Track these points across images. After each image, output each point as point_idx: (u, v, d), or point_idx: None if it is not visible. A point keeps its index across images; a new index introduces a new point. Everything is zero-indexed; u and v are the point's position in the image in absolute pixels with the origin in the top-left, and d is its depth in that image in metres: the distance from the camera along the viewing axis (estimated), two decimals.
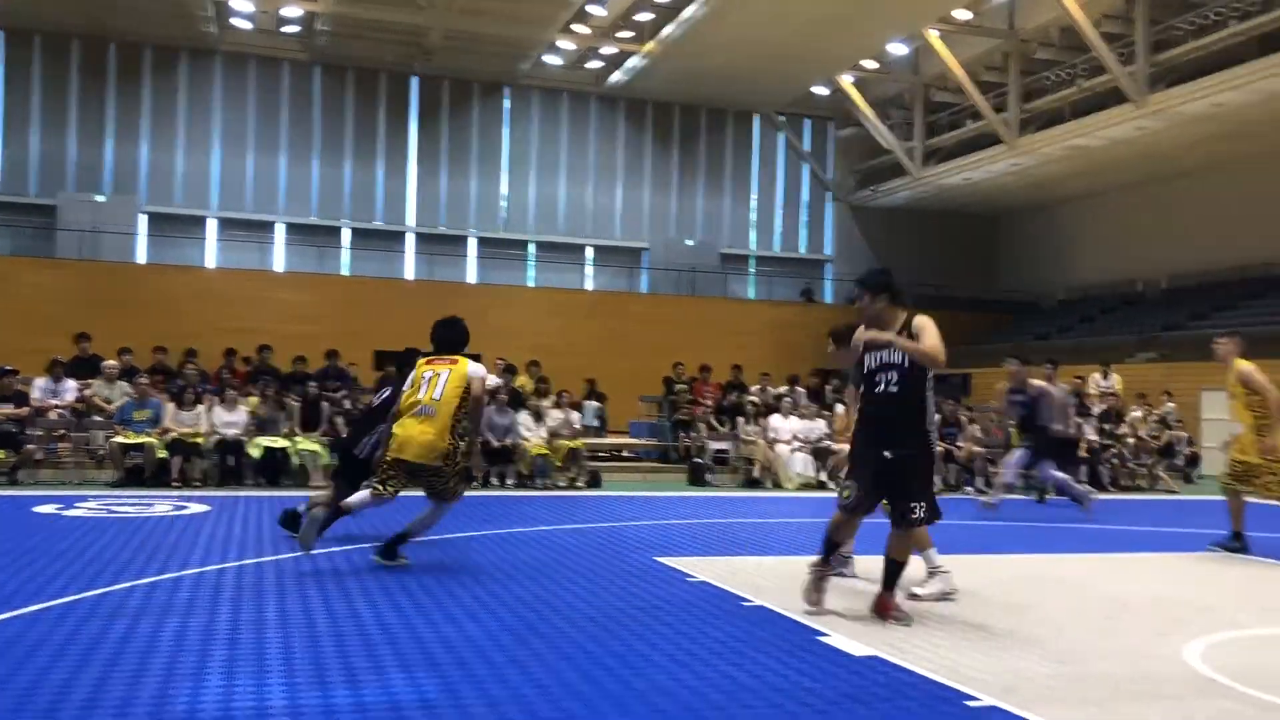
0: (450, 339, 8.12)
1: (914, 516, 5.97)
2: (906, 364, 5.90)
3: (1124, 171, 29.31)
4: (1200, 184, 28.81)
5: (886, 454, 5.91)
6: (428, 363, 7.92)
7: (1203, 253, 28.66)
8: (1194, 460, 20.11)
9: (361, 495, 7.71)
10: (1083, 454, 16.77)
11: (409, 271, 31.48)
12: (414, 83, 31.73)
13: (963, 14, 27.29)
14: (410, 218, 31.99)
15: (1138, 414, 18.97)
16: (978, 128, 30.17)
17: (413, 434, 7.53)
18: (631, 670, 4.84)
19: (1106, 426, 17.88)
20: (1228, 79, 22.64)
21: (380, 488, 7.58)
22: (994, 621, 6.15)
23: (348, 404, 15.02)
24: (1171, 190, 29.64)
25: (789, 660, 5.10)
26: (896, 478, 5.95)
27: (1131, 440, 18.03)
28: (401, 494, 7.70)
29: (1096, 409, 18.30)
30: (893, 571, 6.12)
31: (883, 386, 5.97)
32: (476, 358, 8.22)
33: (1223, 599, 7.09)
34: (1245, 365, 9.01)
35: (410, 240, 32.06)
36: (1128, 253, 31.28)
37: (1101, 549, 9.76)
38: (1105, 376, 20.34)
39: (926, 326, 5.90)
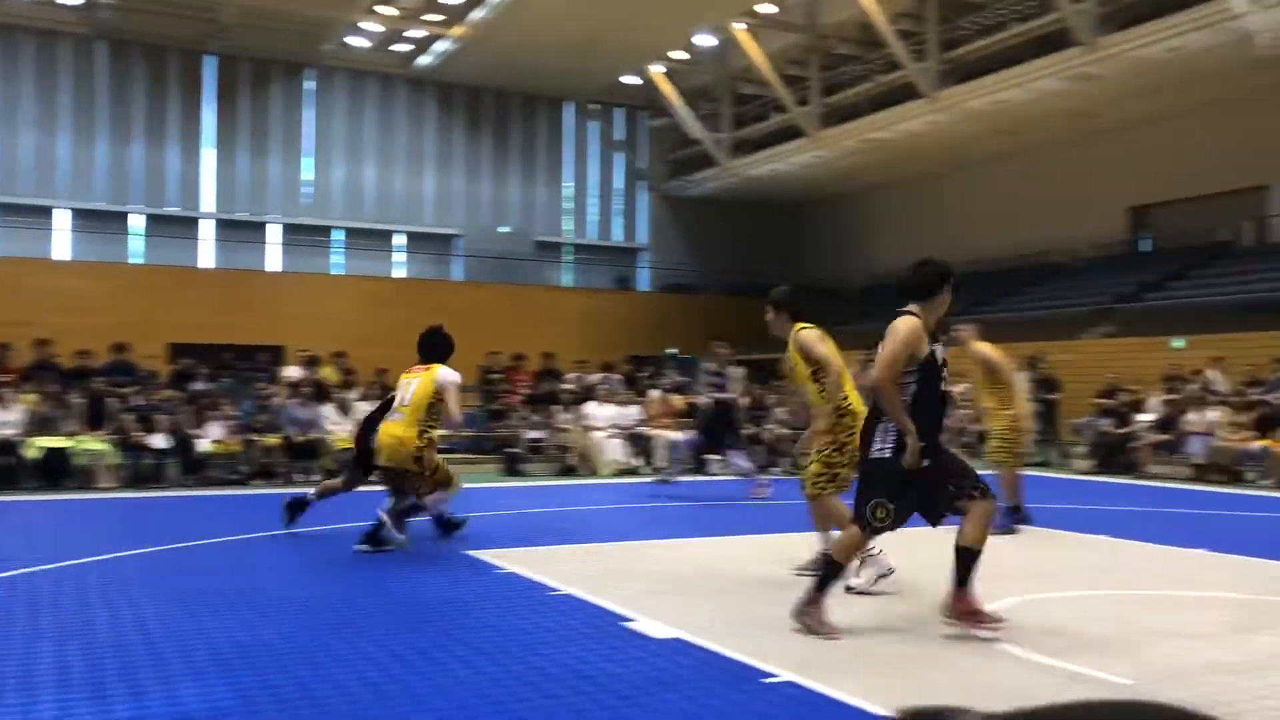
0: (431, 345, 8.68)
1: (974, 494, 5.51)
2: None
3: (918, 163, 30.76)
4: (987, 176, 30.54)
5: (927, 463, 5.42)
6: (408, 370, 8.49)
7: (990, 241, 30.40)
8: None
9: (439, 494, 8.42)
10: None
11: (206, 259, 30.03)
12: (209, 61, 30.20)
13: (767, 8, 28.00)
14: (207, 202, 30.49)
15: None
16: (782, 120, 31.05)
17: (384, 439, 8.11)
18: (433, 665, 4.75)
19: None
20: (1009, 77, 24.04)
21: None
22: (791, 598, 6.34)
23: (141, 400, 14.22)
24: (961, 182, 31.32)
25: (594, 647, 5.12)
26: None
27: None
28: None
29: None
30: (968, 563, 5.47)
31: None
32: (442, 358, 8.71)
33: (1008, 568, 7.52)
34: (985, 347, 9.47)
35: (208, 226, 30.58)
36: (921, 241, 32.82)
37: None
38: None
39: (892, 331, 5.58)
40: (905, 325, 5.50)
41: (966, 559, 5.41)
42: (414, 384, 8.26)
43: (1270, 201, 24.83)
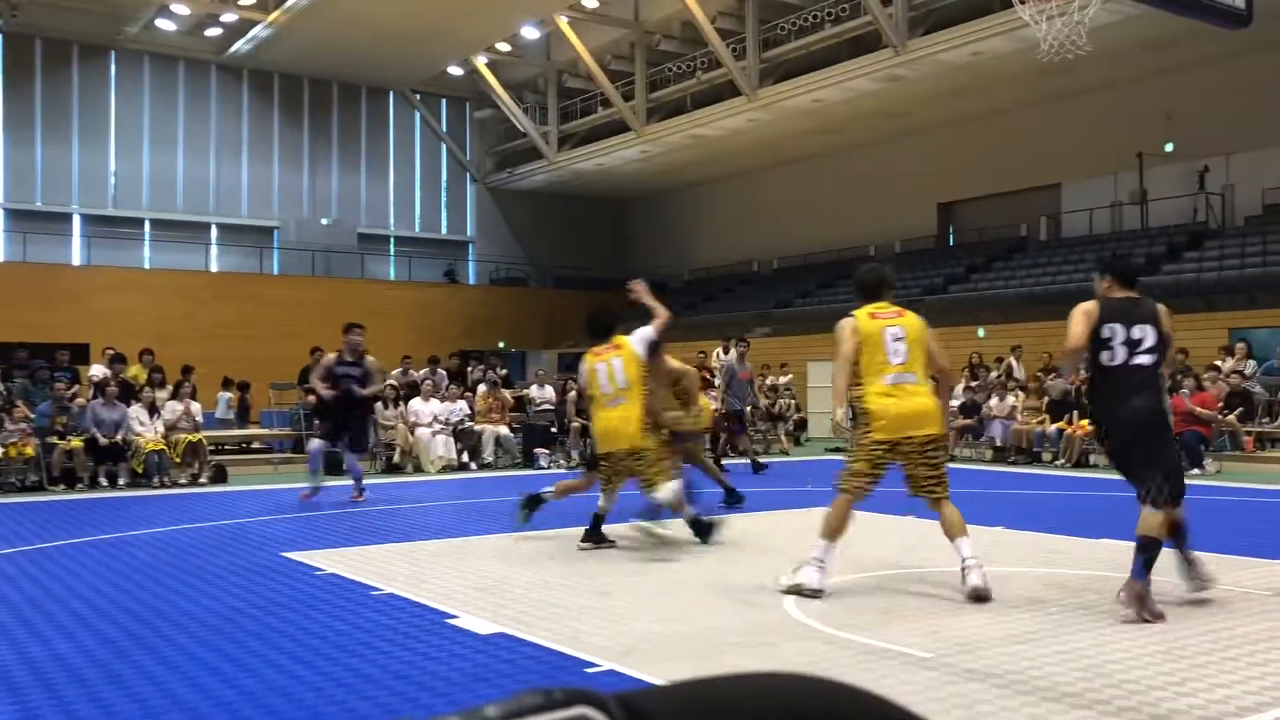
0: (602, 325, 8.15)
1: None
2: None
3: (740, 160, 31.48)
4: (806, 173, 31.53)
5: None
6: (595, 355, 7.92)
7: (807, 235, 31.41)
8: (803, 424, 22.15)
9: (673, 485, 7.76)
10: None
11: None
12: None
13: (591, 2, 28.10)
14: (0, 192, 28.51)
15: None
16: (608, 114, 31.24)
17: (614, 427, 7.66)
18: (246, 672, 4.60)
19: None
20: (824, 77, 24.88)
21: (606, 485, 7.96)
22: (616, 586, 6.43)
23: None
24: (781, 178, 32.23)
25: (415, 646, 5.06)
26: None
27: (748, 410, 19.46)
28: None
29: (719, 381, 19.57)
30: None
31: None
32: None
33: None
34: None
35: (0, 217, 28.59)
36: (745, 235, 33.68)
37: (725, 511, 10.42)
38: (726, 351, 21.78)
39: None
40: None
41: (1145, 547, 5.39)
42: (617, 365, 7.74)
43: (1063, 198, 26.51)
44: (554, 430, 17.04)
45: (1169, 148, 23.86)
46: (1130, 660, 4.58)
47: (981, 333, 21.11)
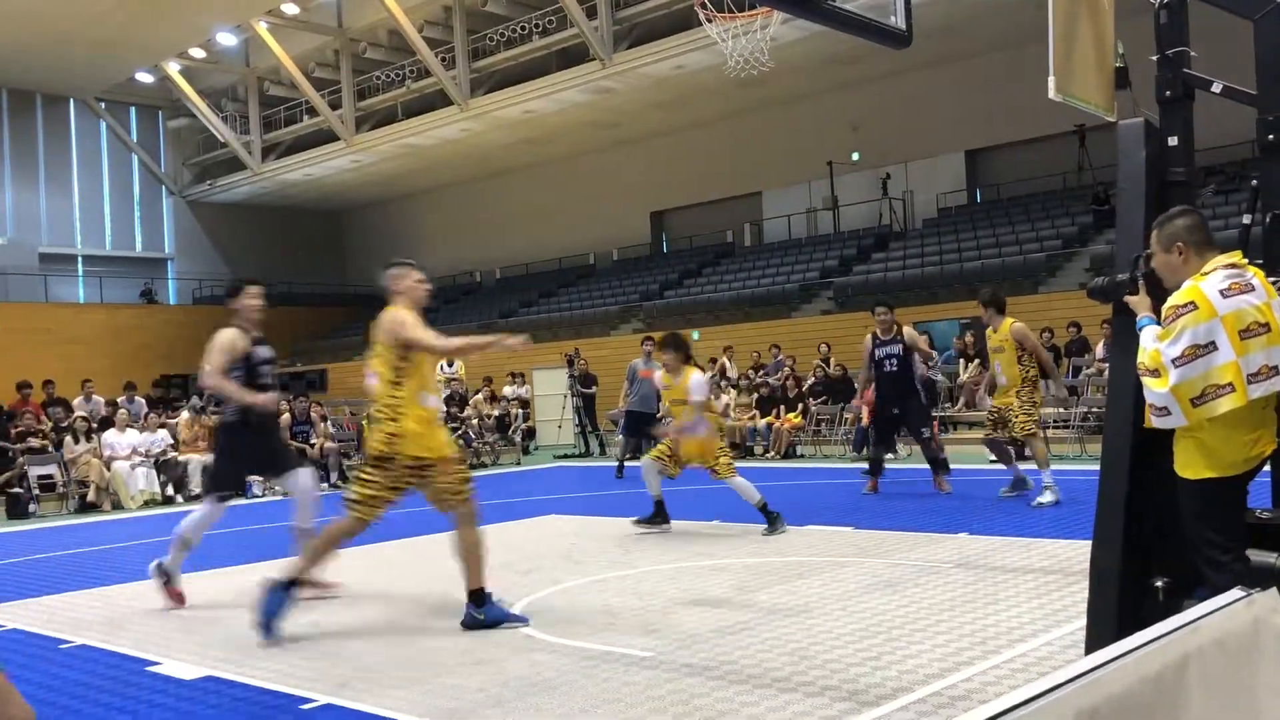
0: (679, 344, 9.01)
1: None
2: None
3: (456, 169, 31.27)
4: (523, 182, 31.72)
5: None
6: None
7: (528, 244, 31.63)
8: (530, 433, 22.20)
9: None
10: None
11: None
12: None
13: (292, 8, 27.05)
14: None
15: (479, 395, 20.41)
16: (315, 123, 30.22)
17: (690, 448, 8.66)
18: None
19: (452, 410, 18.96)
20: (535, 88, 25.13)
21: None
22: (328, 617, 6.19)
23: None
24: (499, 188, 32.27)
25: (110, 700, 4.68)
26: None
27: (476, 420, 19.35)
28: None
29: (443, 392, 19.34)
30: None
31: None
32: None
33: (544, 559, 7.85)
34: (1018, 325, 9.46)
35: None
36: (466, 245, 33.49)
37: (439, 529, 10.24)
38: (450, 364, 21.54)
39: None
40: None
41: None
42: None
43: (764, 206, 28.04)
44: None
45: (855, 157, 25.75)
46: (832, 641, 4.89)
47: (696, 335, 21.97)
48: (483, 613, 5.56)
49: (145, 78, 30.51)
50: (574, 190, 30.70)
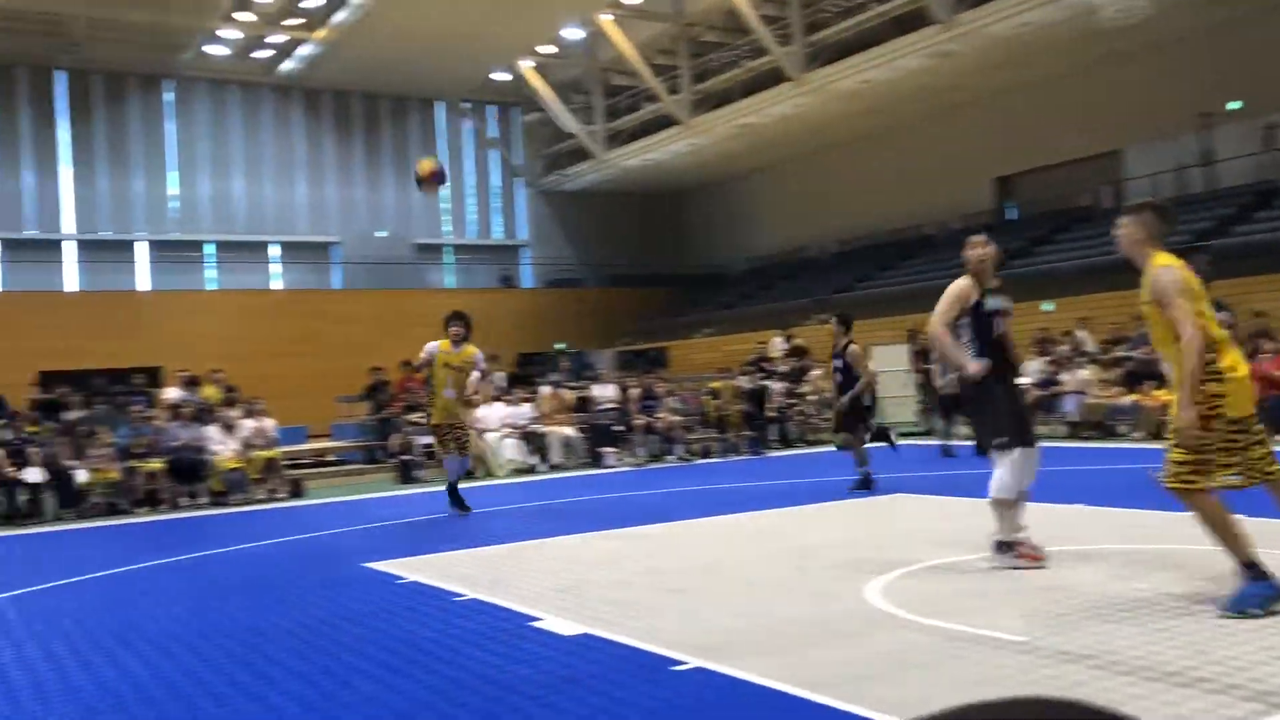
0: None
1: None
2: None
3: (790, 146, 31.26)
4: (857, 155, 31.21)
5: None
6: None
7: (863, 218, 31.11)
8: (870, 410, 21.86)
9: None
10: (770, 413, 17.90)
11: (70, 282, 28.84)
12: (60, 77, 28.98)
13: None
14: (67, 224, 29.28)
15: (818, 372, 20.36)
16: (655, 110, 31.22)
17: None
18: (339, 683, 4.68)
19: (791, 385, 19.10)
20: (872, 57, 24.62)
21: None
22: (692, 583, 6.43)
23: (10, 433, 13.58)
24: (832, 161, 31.94)
25: (503, 650, 5.11)
26: None
27: (814, 397, 19.34)
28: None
29: (781, 369, 19.51)
30: None
31: None
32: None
33: (898, 538, 7.75)
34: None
35: (70, 248, 29.36)
36: (800, 221, 33.45)
37: (787, 503, 10.40)
38: (787, 340, 21.70)
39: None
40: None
41: None
42: None
43: (1125, 165, 25.95)
44: (618, 429, 17.07)
45: (1234, 105, 23.23)
46: (1229, 637, 4.48)
47: (1050, 306, 20.75)
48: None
49: (502, 77, 32.82)
50: (910, 159, 29.84)
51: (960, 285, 6.51)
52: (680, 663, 4.67)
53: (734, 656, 4.67)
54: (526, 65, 31.82)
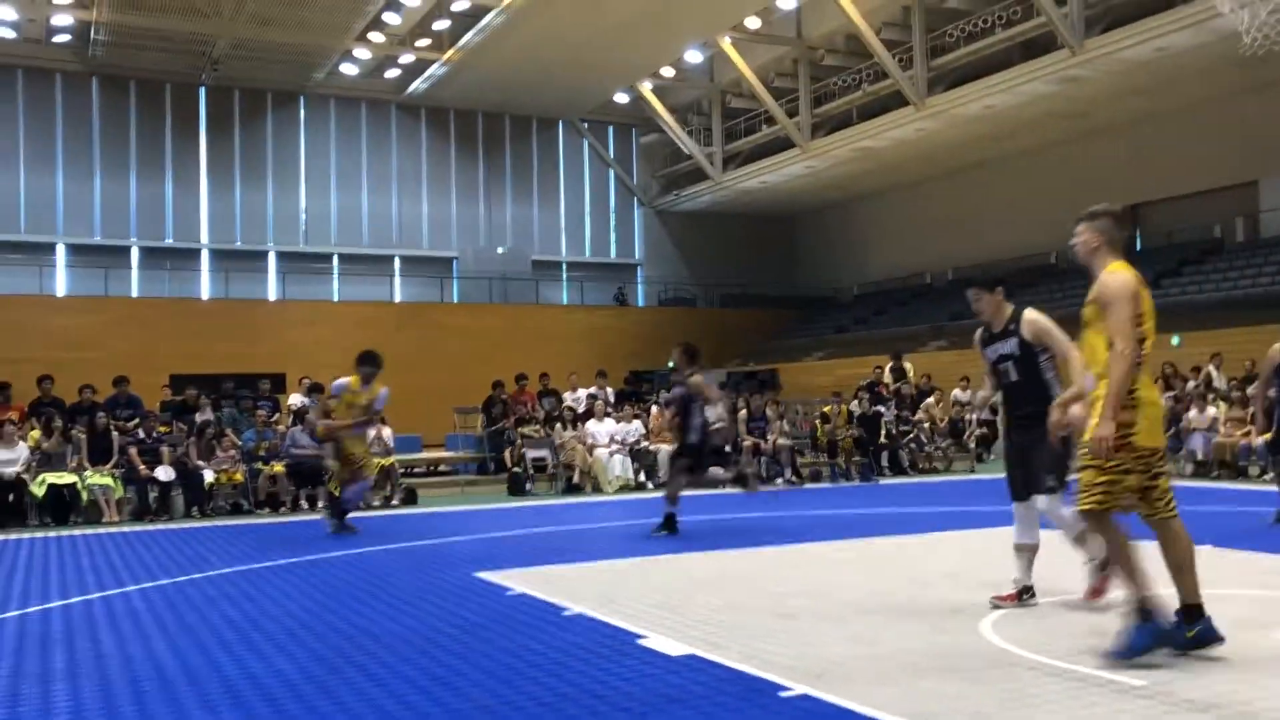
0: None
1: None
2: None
3: (909, 171, 30.88)
4: (978, 180, 30.65)
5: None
6: None
7: (983, 245, 30.48)
8: (985, 440, 21.33)
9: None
10: (882, 440, 17.64)
11: (205, 290, 30.12)
12: (202, 93, 30.38)
13: (754, 22, 28.16)
14: (204, 234, 30.60)
15: (930, 399, 19.99)
16: (772, 132, 31.18)
17: None
18: (450, 690, 4.76)
19: (904, 413, 18.79)
20: (996, 82, 24.18)
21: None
22: (799, 608, 6.36)
23: (141, 433, 14.22)
24: (952, 187, 31.42)
25: (608, 666, 5.13)
26: None
27: (927, 425, 18.99)
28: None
29: (895, 395, 19.21)
30: None
31: None
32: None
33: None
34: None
35: (205, 257, 30.68)
36: (916, 247, 32.96)
37: (899, 531, 10.23)
38: (900, 366, 21.32)
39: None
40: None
41: None
42: None
43: (1261, 197, 24.92)
44: (727, 449, 17.00)
45: None
46: None
47: (1176, 340, 20.02)
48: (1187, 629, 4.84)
49: (622, 98, 33.21)
50: (1034, 186, 29.16)
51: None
52: (786, 688, 4.62)
53: (843, 684, 4.61)
54: (646, 87, 32.13)
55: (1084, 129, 26.88)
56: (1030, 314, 6.40)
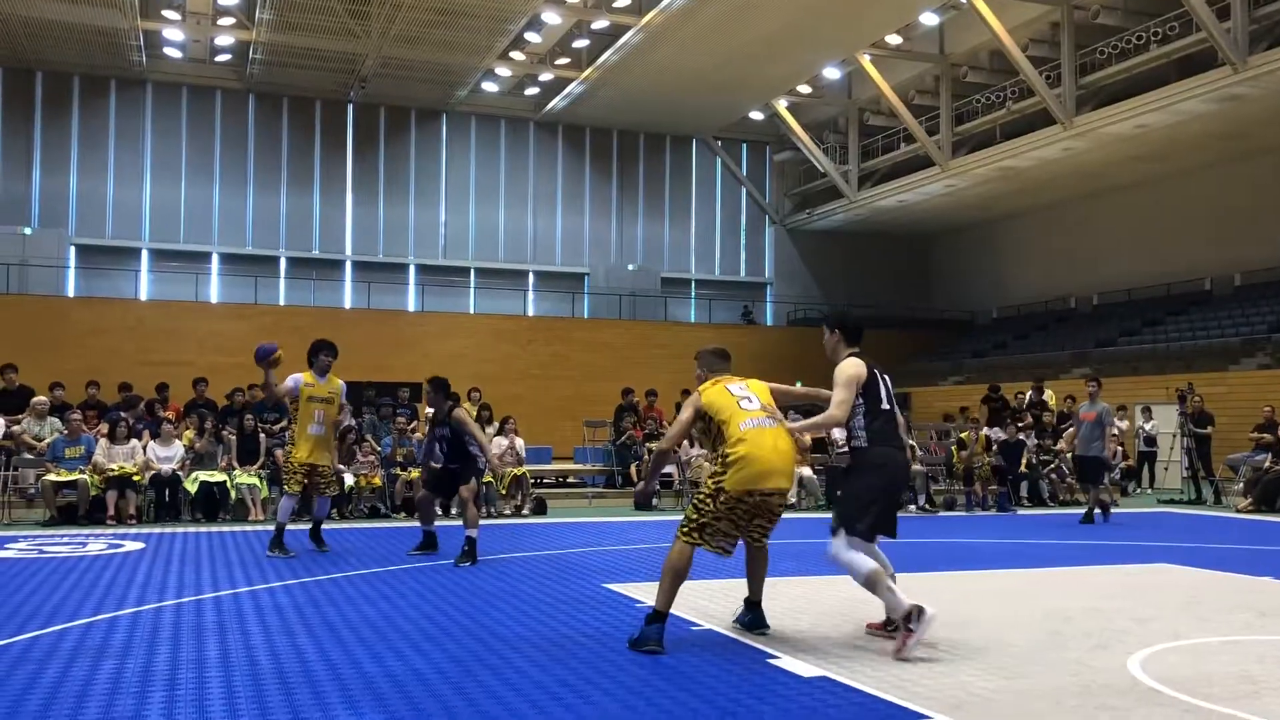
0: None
1: None
2: None
3: (1053, 191, 29.96)
4: (1126, 202, 29.54)
5: None
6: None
7: (1130, 269, 29.36)
8: (1130, 473, 20.49)
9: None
10: (1023, 469, 17.10)
11: (347, 300, 31.19)
12: (350, 110, 31.54)
13: (894, 39, 27.80)
14: (348, 246, 31.72)
15: (1072, 430, 19.25)
16: (911, 150, 30.66)
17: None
18: (581, 699, 4.79)
19: (1045, 442, 18.16)
20: (1149, 101, 23.28)
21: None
22: (938, 637, 6.19)
23: (286, 435, 14.76)
24: (1099, 208, 30.36)
25: (739, 684, 5.09)
26: None
27: (1069, 454, 18.28)
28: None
29: (1038, 421, 18.58)
30: None
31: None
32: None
33: (1162, 610, 7.21)
34: None
35: (348, 269, 31.79)
36: (1059, 270, 31.94)
37: (1042, 563, 9.89)
38: (1040, 393, 20.64)
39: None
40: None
41: None
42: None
43: None
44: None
45: None
46: None
47: None
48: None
49: (756, 115, 33.15)
50: (1187, 208, 27.95)
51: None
52: (925, 717, 4.51)
53: (982, 716, 4.47)
54: (782, 104, 32.01)
55: (1241, 150, 25.66)
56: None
